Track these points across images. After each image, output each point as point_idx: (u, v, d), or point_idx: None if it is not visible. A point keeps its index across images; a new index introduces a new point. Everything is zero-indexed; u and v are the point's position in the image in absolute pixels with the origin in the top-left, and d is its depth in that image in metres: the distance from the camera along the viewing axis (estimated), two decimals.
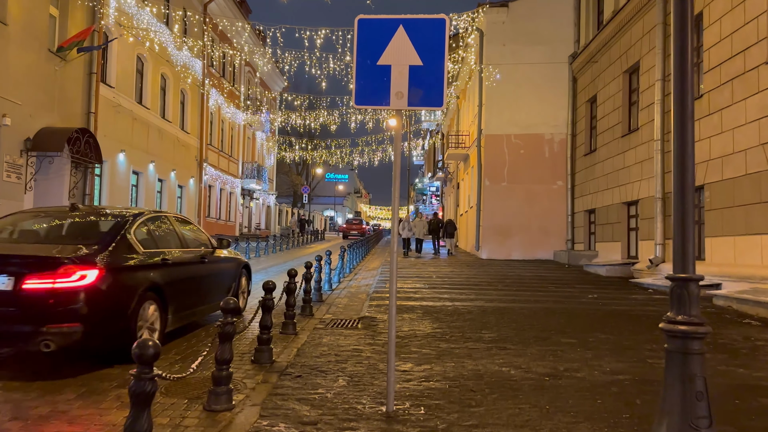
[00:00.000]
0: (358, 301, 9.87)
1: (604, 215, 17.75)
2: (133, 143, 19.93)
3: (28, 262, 5.01)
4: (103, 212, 6.75)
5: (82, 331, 4.92)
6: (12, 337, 4.90)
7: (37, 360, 5.50)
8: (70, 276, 4.92)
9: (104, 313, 5.14)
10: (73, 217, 6.38)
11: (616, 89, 17.07)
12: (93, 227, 6.36)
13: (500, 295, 10.95)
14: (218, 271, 7.76)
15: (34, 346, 4.83)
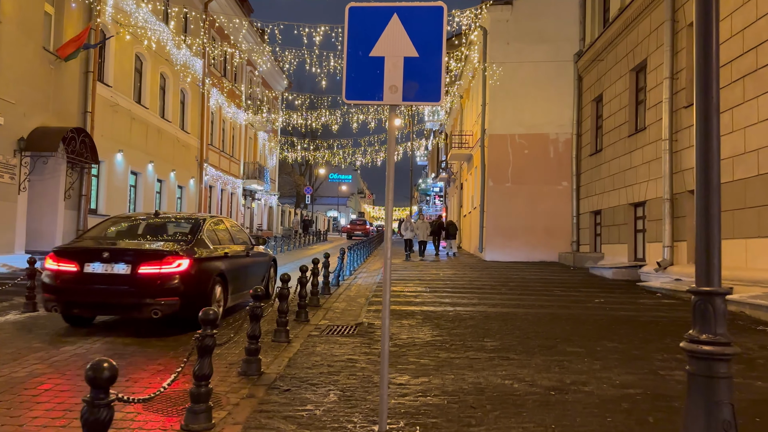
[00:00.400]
0: (357, 306, 9.55)
1: (610, 216, 17.38)
2: (132, 143, 19.66)
3: (141, 254, 6.89)
4: (181, 217, 9.23)
5: (179, 303, 6.80)
6: (131, 307, 6.82)
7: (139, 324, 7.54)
8: (171, 264, 6.80)
9: (193, 291, 6.96)
10: (160, 221, 8.53)
11: (623, 88, 16.70)
12: (178, 228, 8.29)
13: (504, 299, 10.61)
14: (257, 262, 9.68)
15: (147, 314, 6.72)
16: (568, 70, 20.83)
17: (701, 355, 2.53)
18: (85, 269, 6.81)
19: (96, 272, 6.78)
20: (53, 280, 6.94)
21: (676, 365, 5.80)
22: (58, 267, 6.94)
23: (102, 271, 6.79)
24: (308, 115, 29.98)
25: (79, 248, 7.28)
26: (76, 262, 6.87)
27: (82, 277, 6.81)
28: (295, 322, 7.94)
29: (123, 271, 6.75)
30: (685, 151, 12.95)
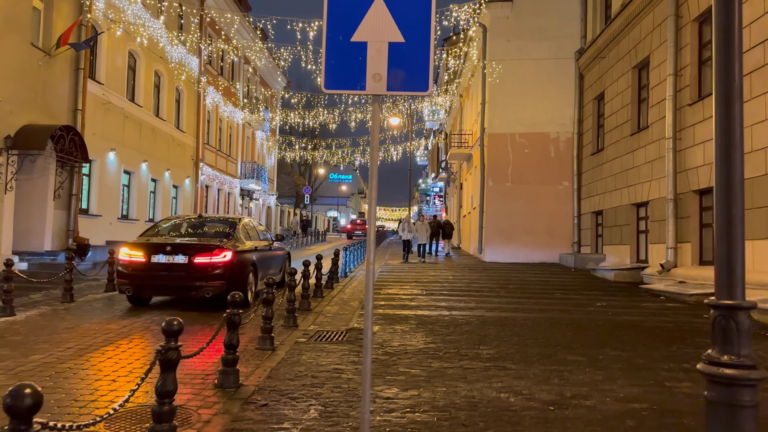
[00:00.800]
0: (349, 310, 9.19)
1: (612, 217, 17.02)
2: (125, 142, 19.30)
3: (196, 247, 8.78)
4: (220, 218, 10.97)
5: (225, 285, 8.49)
6: (188, 289, 8.70)
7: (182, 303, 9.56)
8: (219, 255, 8.65)
9: (235, 276, 8.78)
10: (205, 221, 10.48)
11: (625, 85, 16.34)
12: (220, 227, 9.97)
13: (502, 302, 10.25)
14: (277, 255, 11.62)
15: (201, 294, 8.57)
16: (569, 68, 20.48)
17: (722, 380, 2.17)
18: (152, 259, 8.68)
19: (160, 262, 8.67)
20: (126, 268, 8.83)
21: (684, 376, 5.45)
22: (130, 258, 8.83)
23: (165, 260, 8.68)
24: (306, 114, 29.65)
25: (147, 243, 9.06)
26: (145, 253, 8.76)
27: (149, 266, 8.69)
28: (283, 327, 7.59)
29: (182, 261, 8.66)
30: (689, 149, 12.59)
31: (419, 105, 26.62)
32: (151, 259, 8.68)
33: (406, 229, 21.65)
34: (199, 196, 25.92)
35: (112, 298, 10.15)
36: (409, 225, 21.80)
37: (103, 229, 17.93)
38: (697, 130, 12.30)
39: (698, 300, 10.45)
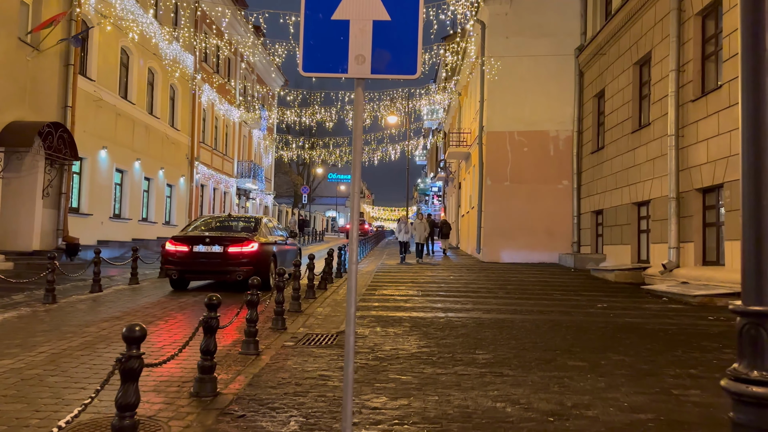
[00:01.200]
0: (341, 312, 8.87)
1: (613, 216, 16.71)
2: (117, 140, 18.98)
3: (229, 239, 10.51)
4: (245, 217, 13.43)
5: (253, 271, 9.99)
6: (223, 273, 10.49)
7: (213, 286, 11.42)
8: (248, 246, 10.35)
9: (260, 263, 10.53)
10: (234, 219, 12.93)
11: (626, 82, 16.03)
12: (246, 223, 12.20)
13: (500, 304, 9.93)
14: (291, 249, 13.54)
15: (234, 277, 10.15)
16: (569, 66, 20.17)
17: (751, 399, 1.85)
18: (194, 249, 10.56)
19: (200, 251, 10.56)
20: (172, 256, 10.73)
21: (691, 383, 5.13)
22: (175, 248, 10.73)
23: (204, 250, 10.54)
24: (304, 112, 29.30)
25: (189, 236, 11.00)
26: (187, 245, 10.62)
27: (191, 255, 10.56)
28: (271, 330, 7.27)
29: (218, 250, 10.53)
30: (692, 147, 12.28)
31: (417, 103, 26.28)
32: (193, 249, 10.65)
33: (402, 229, 20.59)
34: (194, 195, 25.60)
35: (97, 299, 9.83)
36: (406, 225, 20.82)
37: (94, 228, 17.61)
38: (701, 127, 11.99)
39: (702, 301, 10.14)
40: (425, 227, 20.78)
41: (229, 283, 11.06)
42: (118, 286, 11.77)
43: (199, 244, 10.61)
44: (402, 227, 20.67)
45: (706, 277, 11.34)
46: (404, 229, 20.48)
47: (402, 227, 20.67)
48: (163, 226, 22.97)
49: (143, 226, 21.15)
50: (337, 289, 11.96)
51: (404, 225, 20.80)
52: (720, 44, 11.68)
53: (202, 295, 10.68)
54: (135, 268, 12.18)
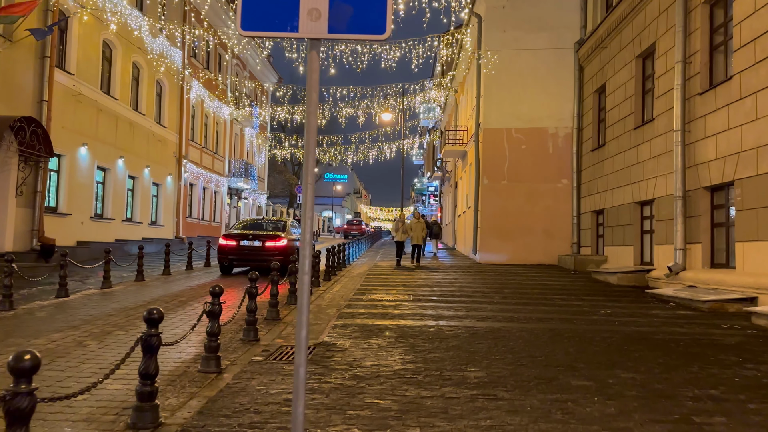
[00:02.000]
0: (323, 319, 8.17)
1: (614, 216, 16.03)
2: (99, 136, 18.25)
3: (266, 236, 14.18)
4: (275, 219, 16.42)
5: (282, 260, 12.01)
6: (262, 261, 12.41)
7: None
8: (279, 241, 13.85)
9: (288, 255, 12.58)
10: (266, 221, 16.55)
11: (628, 76, 15.35)
12: (277, 224, 15.62)
13: (496, 310, 9.23)
14: None
15: (269, 264, 9.19)
16: (569, 60, 19.48)
17: None
18: (240, 243, 13.90)
19: (245, 245, 13.89)
20: (224, 249, 14.18)
21: (714, 408, 4.44)
22: (226, 243, 14.19)
23: (248, 244, 13.84)
24: (296, 109, 28.52)
25: (236, 234, 14.65)
26: (235, 240, 14.05)
27: (238, 248, 13.89)
28: (241, 342, 6.57)
29: (258, 244, 13.89)
30: (700, 142, 11.60)
31: (412, 100, 25.56)
32: (240, 243, 14.38)
33: (399, 229, 19.25)
34: (182, 194, 24.87)
35: (61, 306, 9.11)
36: (403, 225, 19.46)
37: (73, 228, 16.89)
38: (709, 121, 11.31)
39: (712, 307, 9.46)
40: (423, 228, 19.05)
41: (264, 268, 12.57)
42: (89, 290, 11.06)
43: (244, 240, 14.55)
44: (399, 226, 19.50)
45: (715, 281, 10.66)
46: (401, 229, 19.19)
47: (399, 226, 19.50)
48: (149, 226, 22.24)
49: (128, 226, 20.42)
50: (323, 293, 11.26)
51: (402, 225, 19.50)
52: (730, 33, 10.99)
53: (177, 299, 10.01)
54: (108, 271, 11.45)
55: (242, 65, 33.13)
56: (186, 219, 25.50)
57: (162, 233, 23.21)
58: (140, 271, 13.01)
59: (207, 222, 28.64)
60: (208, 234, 27.80)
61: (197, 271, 15.99)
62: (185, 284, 12.67)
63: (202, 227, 27.77)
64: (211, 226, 29.12)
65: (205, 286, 12.20)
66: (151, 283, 12.63)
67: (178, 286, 12.32)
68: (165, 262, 14.56)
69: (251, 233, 14.80)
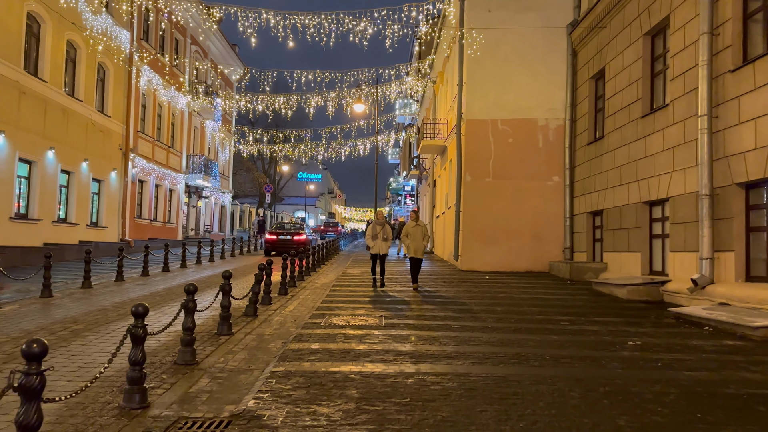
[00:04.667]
0: (260, 361, 5.88)
1: (616, 218, 14.03)
2: (20, 124, 15.65)
3: (294, 233, 25.24)
4: (298, 222, 34.33)
5: (305, 248, 16.50)
6: (291, 248, 19.67)
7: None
8: (302, 235, 24.88)
9: (306, 244, 22.97)
10: (292, 223, 30.26)
11: (634, 57, 13.37)
12: (298, 225, 28.54)
13: (493, 341, 7.05)
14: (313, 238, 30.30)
15: (295, 250, 15.26)
16: (560, 44, 17.48)
17: None
18: (279, 237, 24.38)
19: (281, 238, 24.27)
20: (269, 240, 24.55)
21: None
22: (271, 236, 24.69)
23: (284, 238, 24.20)
24: (261, 100, 26.00)
25: (276, 231, 25.13)
26: (276, 234, 24.70)
27: (278, 240, 24.31)
28: (119, 410, 4.26)
29: (289, 238, 24.22)
30: (732, 129, 9.61)
31: (387, 90, 23.32)
32: (279, 237, 24.20)
33: (379, 235, 12.72)
34: (129, 192, 22.23)
35: None
36: (384, 230, 12.85)
37: None
38: (745, 104, 9.32)
39: (767, 335, 7.41)
40: (425, 234, 12.81)
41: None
42: None
43: (281, 235, 24.56)
44: (375, 232, 12.80)
45: (757, 299, 8.66)
46: (383, 234, 12.74)
47: (375, 232, 12.80)
48: (89, 228, 19.62)
49: (60, 228, 17.80)
50: (272, 315, 8.96)
51: (380, 229, 12.81)
52: None
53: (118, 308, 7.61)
54: None
55: (203, 52, 30.52)
56: (134, 220, 22.88)
57: (104, 236, 20.58)
58: (47, 286, 10.52)
59: (160, 223, 26.00)
60: (163, 236, 25.19)
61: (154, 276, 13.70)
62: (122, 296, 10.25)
63: (155, 229, 25.13)
64: (165, 227, 26.49)
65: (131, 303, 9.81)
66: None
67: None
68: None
69: (284, 231, 25.34)
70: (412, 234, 12.73)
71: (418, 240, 12.68)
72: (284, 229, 25.50)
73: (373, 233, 12.87)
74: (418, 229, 12.76)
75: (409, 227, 12.89)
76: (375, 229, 12.93)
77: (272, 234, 24.73)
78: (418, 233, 12.73)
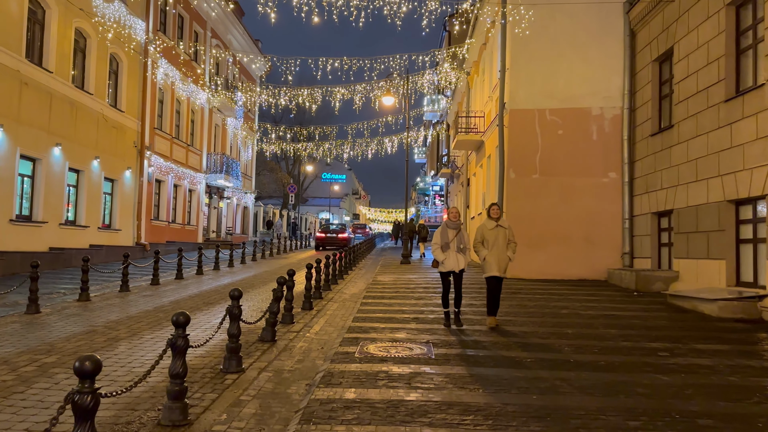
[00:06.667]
0: (273, 426, 4.23)
1: (691, 219, 12.11)
2: (21, 117, 14.34)
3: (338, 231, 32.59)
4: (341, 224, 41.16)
5: (347, 244, 28.53)
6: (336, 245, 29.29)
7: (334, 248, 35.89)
8: (345, 234, 31.99)
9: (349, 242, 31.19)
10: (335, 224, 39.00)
11: (713, 32, 11.45)
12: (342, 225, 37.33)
13: (587, 387, 5.30)
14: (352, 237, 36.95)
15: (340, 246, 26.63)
16: (616, 24, 15.60)
17: None
18: (327, 235, 31.44)
19: (329, 236, 31.24)
20: (319, 238, 31.43)
21: None
22: (320, 235, 31.85)
23: (331, 236, 31.21)
24: (286, 95, 24.47)
25: (324, 230, 32.86)
26: (324, 233, 31.97)
27: (326, 237, 31.16)
28: None
29: (335, 236, 31.19)
30: None
31: (419, 80, 21.62)
32: (327, 235, 31.29)
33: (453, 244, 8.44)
34: (145, 192, 20.91)
35: None
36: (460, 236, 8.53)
37: None
38: None
39: None
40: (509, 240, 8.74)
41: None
42: None
43: (329, 234, 31.35)
44: (448, 239, 8.51)
45: None
46: (455, 243, 8.45)
47: (448, 239, 8.51)
48: (101, 230, 18.29)
49: (68, 231, 16.48)
50: (293, 340, 7.33)
51: (454, 235, 8.52)
52: None
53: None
54: None
55: (224, 46, 29.17)
56: (151, 222, 21.55)
57: (118, 239, 19.27)
58: (33, 300, 9.06)
59: (179, 225, 24.67)
60: (181, 239, 23.87)
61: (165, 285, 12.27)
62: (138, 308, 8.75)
63: (173, 231, 23.80)
64: (184, 229, 25.16)
65: (157, 314, 8.27)
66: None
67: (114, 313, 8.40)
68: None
69: (331, 230, 32.33)
70: (492, 240, 8.48)
71: (501, 249, 8.45)
72: (330, 229, 32.84)
73: (443, 241, 8.44)
74: (501, 233, 8.51)
75: (486, 230, 8.58)
76: (446, 234, 8.47)
77: (321, 233, 31.91)
78: (501, 239, 8.49)
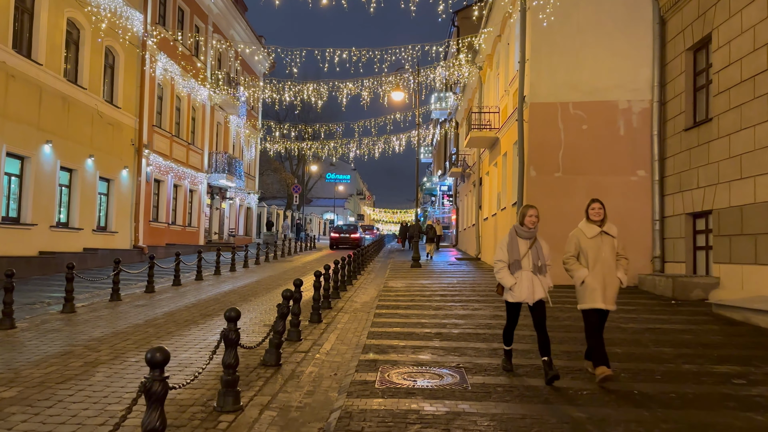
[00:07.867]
0: None
1: (735, 221, 11.05)
2: (8, 112, 13.41)
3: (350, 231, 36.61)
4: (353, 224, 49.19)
5: (359, 244, 32.05)
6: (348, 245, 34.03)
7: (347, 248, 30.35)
8: (356, 234, 35.70)
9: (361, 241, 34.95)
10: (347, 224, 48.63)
11: (760, 15, 10.39)
12: (354, 226, 41.19)
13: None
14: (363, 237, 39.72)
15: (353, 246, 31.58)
16: (645, 11, 14.57)
17: None
18: (340, 235, 35.40)
19: (342, 236, 35.10)
20: (333, 238, 35.46)
21: None
22: (334, 234, 35.88)
23: (344, 236, 35.06)
24: (290, 89, 23.45)
25: (337, 229, 37.06)
26: (338, 233, 36.01)
27: (340, 237, 35.02)
28: None
29: (347, 235, 35.00)
30: None
31: (431, 75, 20.61)
32: (340, 235, 35.44)
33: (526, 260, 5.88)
34: (143, 192, 19.94)
35: None
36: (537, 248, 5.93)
37: None
38: None
39: None
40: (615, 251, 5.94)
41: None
42: None
43: (342, 233, 35.53)
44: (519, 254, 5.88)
45: None
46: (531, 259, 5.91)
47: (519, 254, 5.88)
48: (95, 233, 17.34)
49: (60, 234, 15.53)
50: (301, 361, 6.33)
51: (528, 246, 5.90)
52: None
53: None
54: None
55: (226, 42, 28.19)
56: (149, 223, 20.59)
57: (114, 242, 18.31)
58: (7, 314, 8.07)
59: (179, 227, 23.70)
60: (182, 242, 22.90)
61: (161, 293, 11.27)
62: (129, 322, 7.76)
63: (173, 233, 22.83)
64: (185, 231, 24.19)
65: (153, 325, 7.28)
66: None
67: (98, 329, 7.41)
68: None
69: (344, 230, 35.93)
70: (594, 253, 5.82)
71: (608, 267, 5.79)
72: (343, 229, 36.47)
73: (511, 257, 5.90)
74: (607, 243, 5.82)
75: (585, 238, 5.90)
76: (515, 247, 5.91)
77: (335, 232, 35.71)
78: (608, 251, 5.82)
